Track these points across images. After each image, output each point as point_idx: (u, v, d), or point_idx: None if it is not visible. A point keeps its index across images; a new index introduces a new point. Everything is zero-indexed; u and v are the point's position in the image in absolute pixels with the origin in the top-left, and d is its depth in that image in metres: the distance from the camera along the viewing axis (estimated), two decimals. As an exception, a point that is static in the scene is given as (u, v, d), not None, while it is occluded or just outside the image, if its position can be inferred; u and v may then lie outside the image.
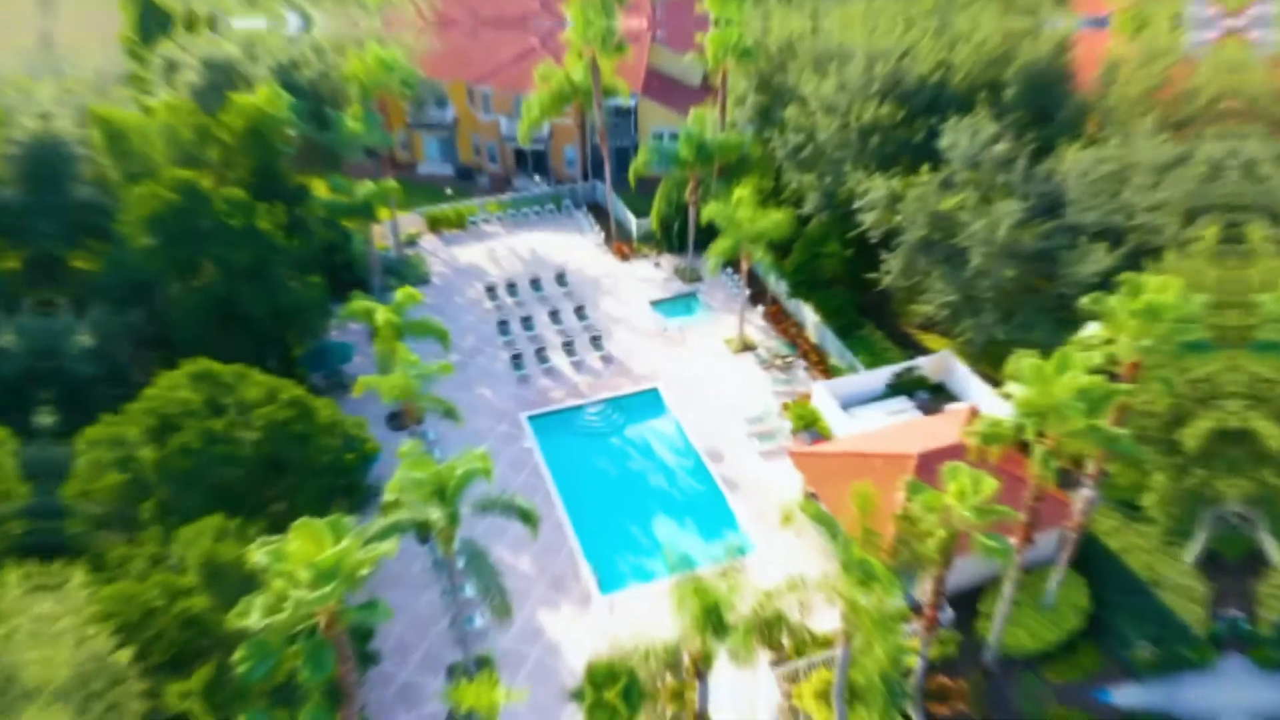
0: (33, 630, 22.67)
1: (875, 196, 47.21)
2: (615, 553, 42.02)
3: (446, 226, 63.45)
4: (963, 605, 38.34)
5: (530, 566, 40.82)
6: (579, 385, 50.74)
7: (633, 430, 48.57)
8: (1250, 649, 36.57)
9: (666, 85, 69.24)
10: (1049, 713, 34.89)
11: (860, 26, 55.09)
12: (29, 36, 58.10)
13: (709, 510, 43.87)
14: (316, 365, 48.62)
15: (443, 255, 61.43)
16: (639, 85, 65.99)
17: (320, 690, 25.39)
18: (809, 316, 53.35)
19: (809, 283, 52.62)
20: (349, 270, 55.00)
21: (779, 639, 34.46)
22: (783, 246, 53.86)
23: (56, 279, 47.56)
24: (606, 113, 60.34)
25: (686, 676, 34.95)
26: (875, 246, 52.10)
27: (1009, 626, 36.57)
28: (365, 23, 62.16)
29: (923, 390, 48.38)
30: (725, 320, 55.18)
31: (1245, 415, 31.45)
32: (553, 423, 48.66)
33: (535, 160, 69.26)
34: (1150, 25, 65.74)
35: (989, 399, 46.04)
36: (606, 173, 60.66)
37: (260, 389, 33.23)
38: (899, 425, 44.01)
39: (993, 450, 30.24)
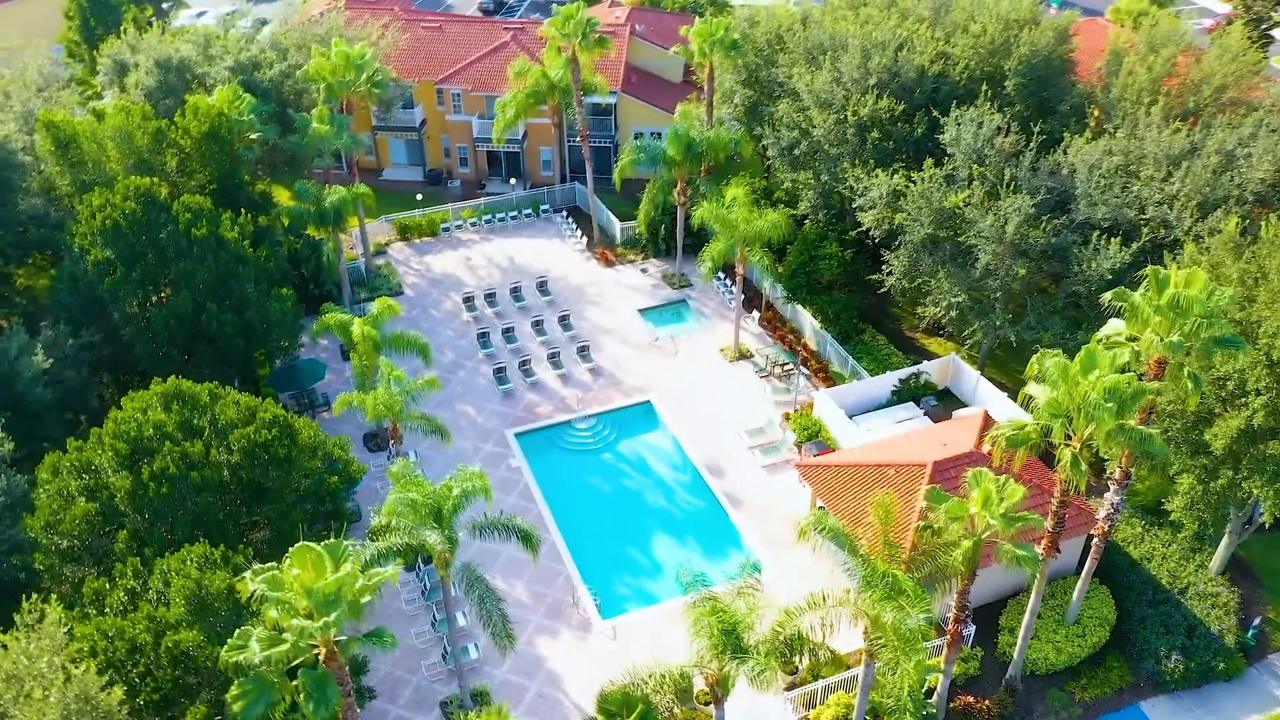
0: (11, 671, 22.35)
1: (876, 194, 47.86)
2: (614, 576, 42.12)
3: (418, 234, 63.41)
4: (982, 621, 38.82)
5: (526, 593, 40.79)
6: (567, 399, 50.86)
7: (626, 446, 48.74)
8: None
9: (647, 81, 69.84)
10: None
11: (853, 17, 55.96)
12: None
13: (711, 528, 44.10)
14: (286, 385, 48.33)
15: (415, 265, 61.37)
16: (619, 82, 66.48)
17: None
18: (807, 322, 53.88)
19: (807, 286, 53.16)
20: (316, 282, 54.83)
21: (795, 661, 34.81)
22: (777, 249, 54.46)
23: (3, 297, 47.11)
24: (586, 111, 60.67)
25: (698, 703, 35.18)
26: (876, 247, 52.89)
27: (1033, 641, 37.09)
28: (328, 19, 62.03)
29: (929, 396, 49.01)
30: (718, 328, 55.59)
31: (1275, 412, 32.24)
32: (541, 440, 48.73)
33: (509, 163, 69.45)
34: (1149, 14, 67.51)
35: (999, 404, 46.79)
36: (588, 174, 60.96)
37: (238, 409, 33.02)
38: (908, 433, 44.52)
39: (1018, 455, 30.73)
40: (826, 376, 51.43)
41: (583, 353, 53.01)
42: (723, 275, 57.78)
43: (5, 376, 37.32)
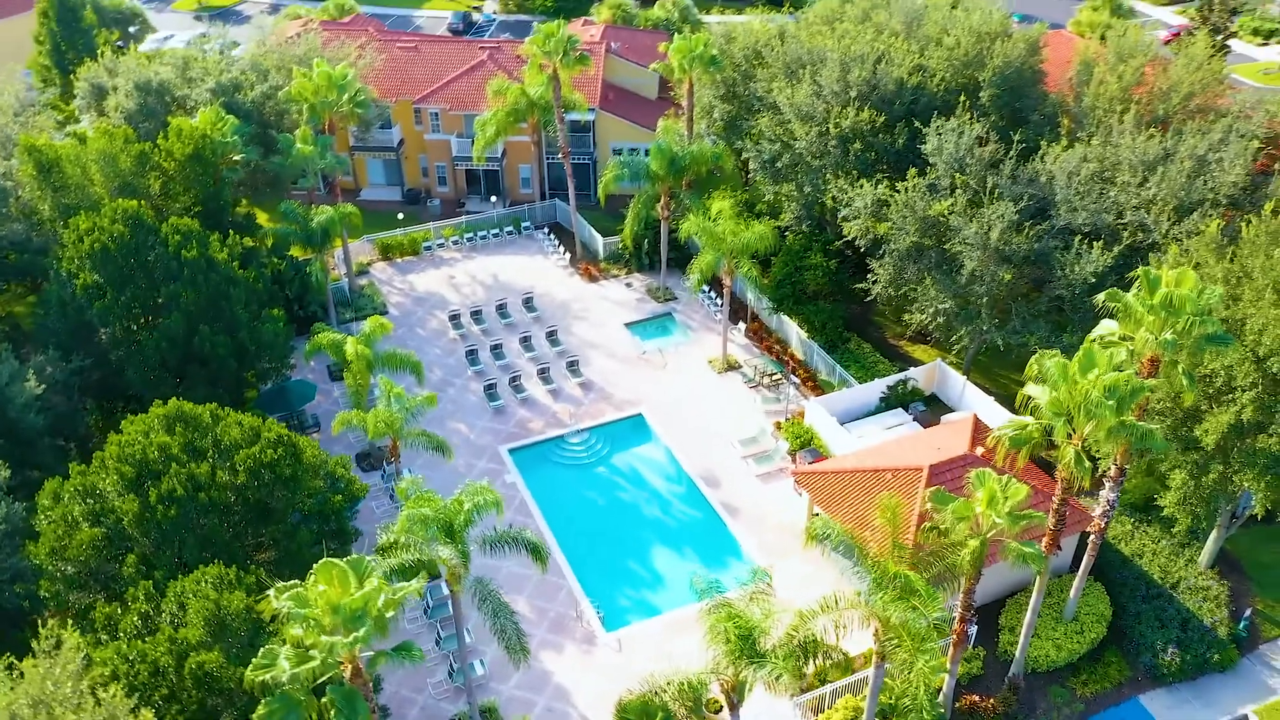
0: (38, 696, 22.02)
1: (861, 204, 48.61)
2: (615, 589, 42.20)
3: (399, 254, 63.31)
4: (982, 621, 39.35)
5: (528, 609, 40.73)
6: (559, 414, 50.96)
7: (620, 459, 48.92)
8: None
9: (623, 98, 70.40)
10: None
11: (829, 32, 56.91)
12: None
13: (710, 538, 44.33)
14: (276, 407, 47.96)
15: (398, 284, 61.24)
16: (597, 99, 66.96)
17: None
18: (793, 332, 54.48)
19: (793, 297, 53.78)
20: (301, 303, 54.52)
21: (802, 668, 35.04)
22: (762, 261, 55.05)
23: (-13, 324, 46.43)
24: (566, 128, 61.02)
25: (707, 711, 35.27)
26: (859, 257, 53.68)
27: (1033, 639, 37.67)
28: (306, 40, 61.95)
29: (918, 402, 49.73)
30: (705, 340, 56.02)
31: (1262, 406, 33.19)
32: (535, 455, 48.78)
33: (488, 181, 69.60)
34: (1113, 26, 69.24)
35: (986, 408, 47.60)
36: (570, 190, 61.29)
37: (241, 429, 32.81)
38: (899, 439, 45.16)
39: (1021, 455, 31.35)
40: (815, 385, 51.97)
41: (572, 367, 53.17)
42: (707, 288, 58.26)
43: (-3, 403, 36.80)
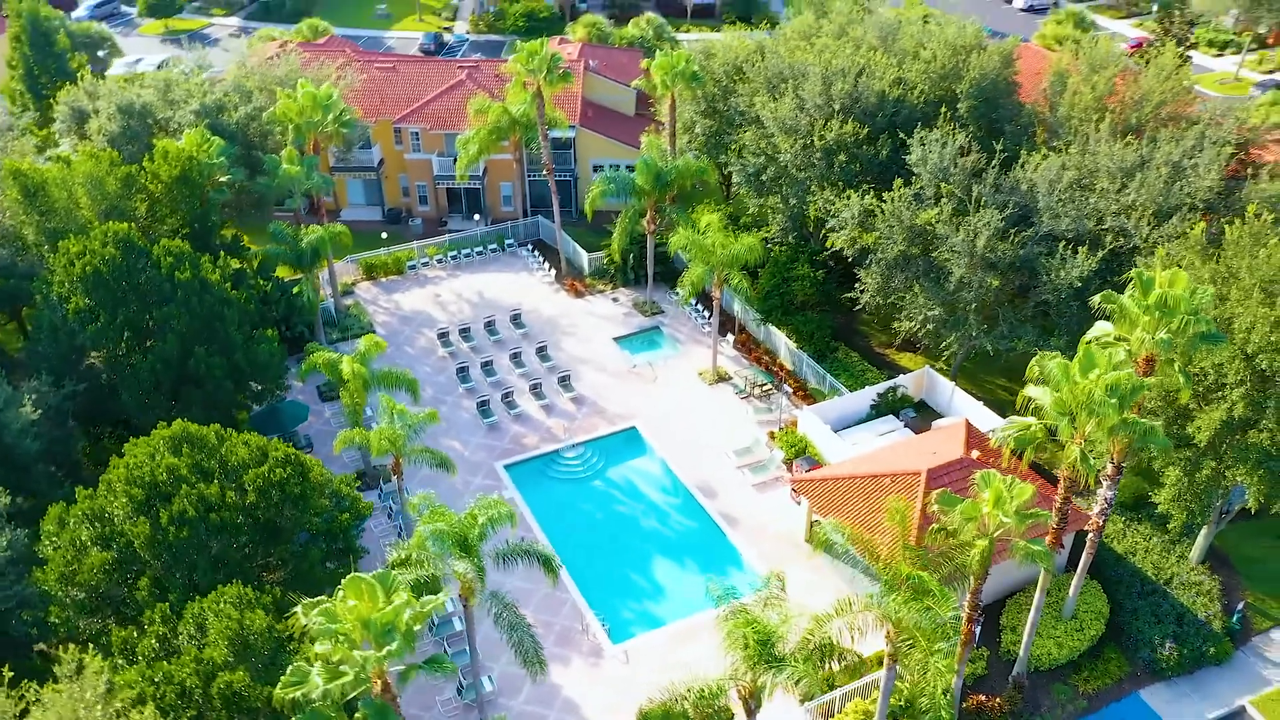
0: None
1: (848, 214, 49.30)
2: (618, 601, 42.27)
3: (384, 273, 63.16)
4: (981, 622, 39.89)
5: (533, 622, 40.05)
6: (553, 429, 51.02)
7: (616, 472, 49.05)
8: None
9: (602, 115, 70.85)
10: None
11: (808, 48, 57.81)
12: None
13: (710, 548, 44.57)
14: (268, 428, 47.45)
15: (384, 303, 61.05)
16: (577, 116, 67.36)
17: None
18: (781, 342, 54.99)
19: (782, 308, 54.32)
20: (288, 324, 54.17)
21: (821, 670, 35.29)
22: (748, 273, 55.52)
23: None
24: (549, 145, 61.31)
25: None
26: (844, 268, 54.40)
27: (1034, 637, 38.20)
28: (286, 60, 61.82)
29: (908, 408, 50.37)
30: (693, 352, 56.39)
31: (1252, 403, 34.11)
32: (531, 470, 48.78)
33: (469, 199, 69.65)
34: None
35: (975, 412, 48.32)
36: (554, 207, 61.51)
37: (249, 449, 32.60)
38: (895, 444, 45.70)
39: (1026, 456, 31.96)
40: (805, 395, 52.47)
41: (564, 382, 53.27)
42: (694, 300, 58.58)
43: (-8, 429, 36.24)
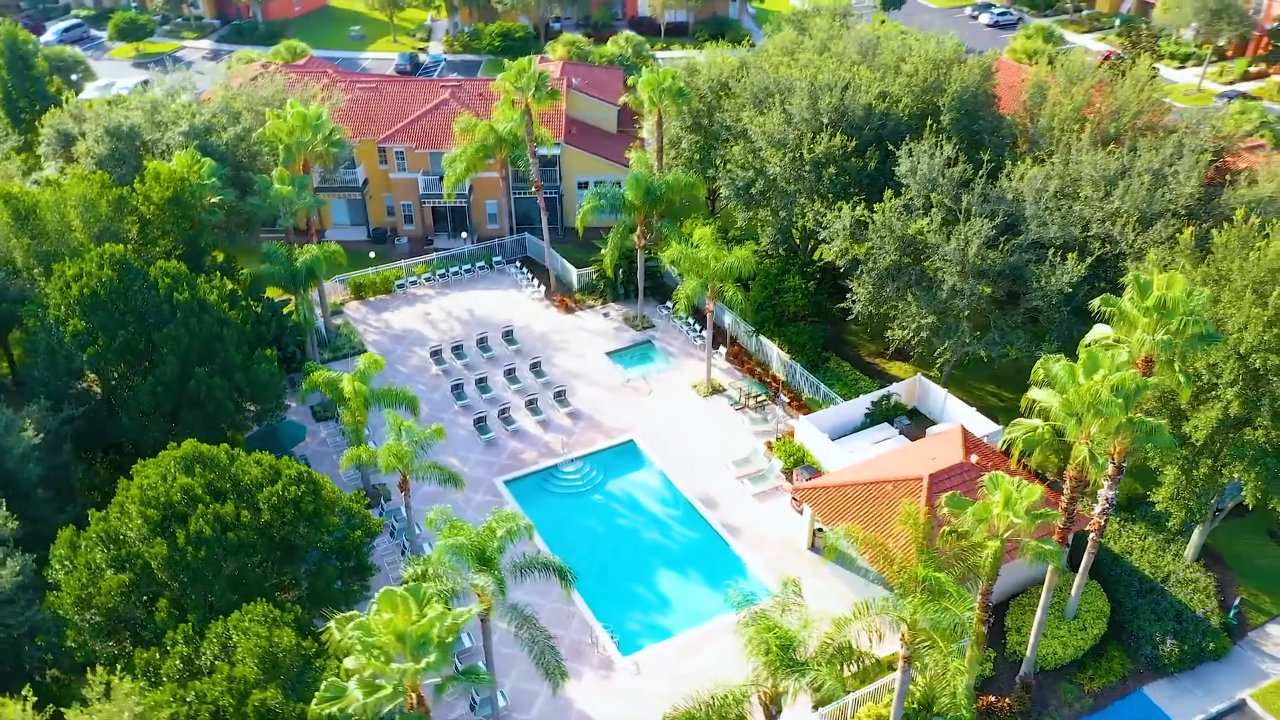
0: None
1: (839, 226, 49.98)
2: (625, 613, 42.34)
3: (372, 292, 63.03)
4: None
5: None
6: (550, 444, 51.08)
7: (615, 485, 49.19)
8: None
9: (586, 132, 71.31)
10: None
11: (790, 63, 58.66)
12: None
13: (713, 558, 44.78)
14: (266, 449, 46.99)
15: (373, 323, 60.90)
16: (561, 133, 67.75)
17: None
18: (773, 353, 55.50)
19: (774, 319, 54.85)
20: (279, 344, 53.83)
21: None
22: (741, 285, 56.03)
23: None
24: (537, 162, 61.61)
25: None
26: (832, 279, 55.07)
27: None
28: (272, 81, 61.70)
29: (902, 416, 51.00)
30: (686, 365, 56.74)
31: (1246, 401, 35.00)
32: (531, 485, 48.80)
33: (455, 217, 69.73)
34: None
35: (968, 418, 49.00)
36: (544, 224, 61.77)
37: (261, 468, 32.45)
38: (894, 451, 46.24)
39: (1033, 458, 32.57)
40: (800, 405, 52.97)
41: (560, 397, 53.39)
42: (680, 314, 58.81)
43: (-7, 454, 35.76)
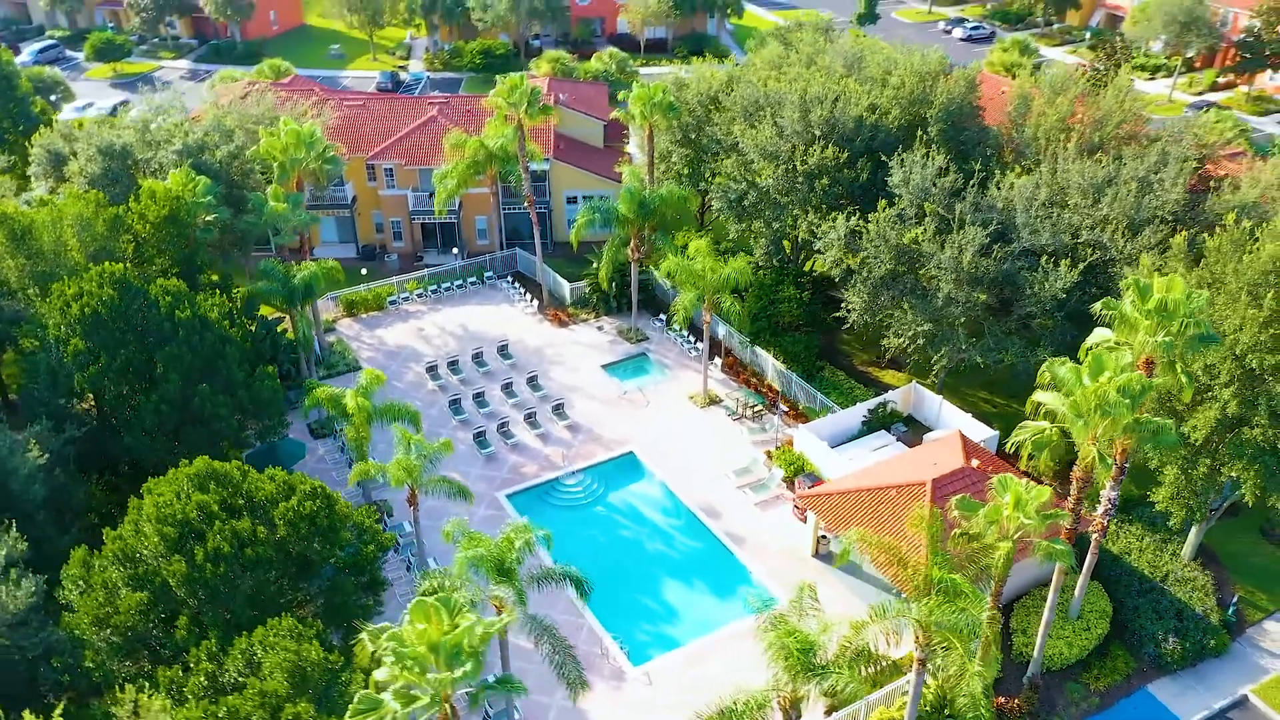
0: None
1: (834, 236, 50.58)
2: (632, 624, 42.42)
3: (364, 309, 62.93)
4: (993, 626, 40.83)
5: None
6: (550, 457, 51.16)
7: (617, 497, 49.31)
8: None
9: (573, 147, 71.71)
10: None
11: (778, 76, 59.38)
12: None
13: (717, 567, 44.96)
14: (265, 467, 46.92)
15: (367, 339, 60.77)
16: (550, 149, 68.10)
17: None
18: (768, 364, 55.94)
19: (769, 329, 55.32)
20: (274, 362, 53.61)
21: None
22: (735, 296, 56.48)
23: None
24: (529, 177, 61.90)
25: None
26: (826, 289, 55.67)
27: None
28: (263, 99, 61.63)
29: (899, 423, 51.53)
30: (682, 377, 57.06)
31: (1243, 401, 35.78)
32: (532, 498, 48.83)
33: (444, 233, 69.80)
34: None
35: (964, 424, 49.62)
36: (536, 238, 62.00)
37: (274, 483, 32.36)
38: (895, 457, 46.68)
39: (1042, 460, 33.11)
40: (797, 414, 53.40)
41: (558, 410, 53.51)
42: (678, 326, 59.20)
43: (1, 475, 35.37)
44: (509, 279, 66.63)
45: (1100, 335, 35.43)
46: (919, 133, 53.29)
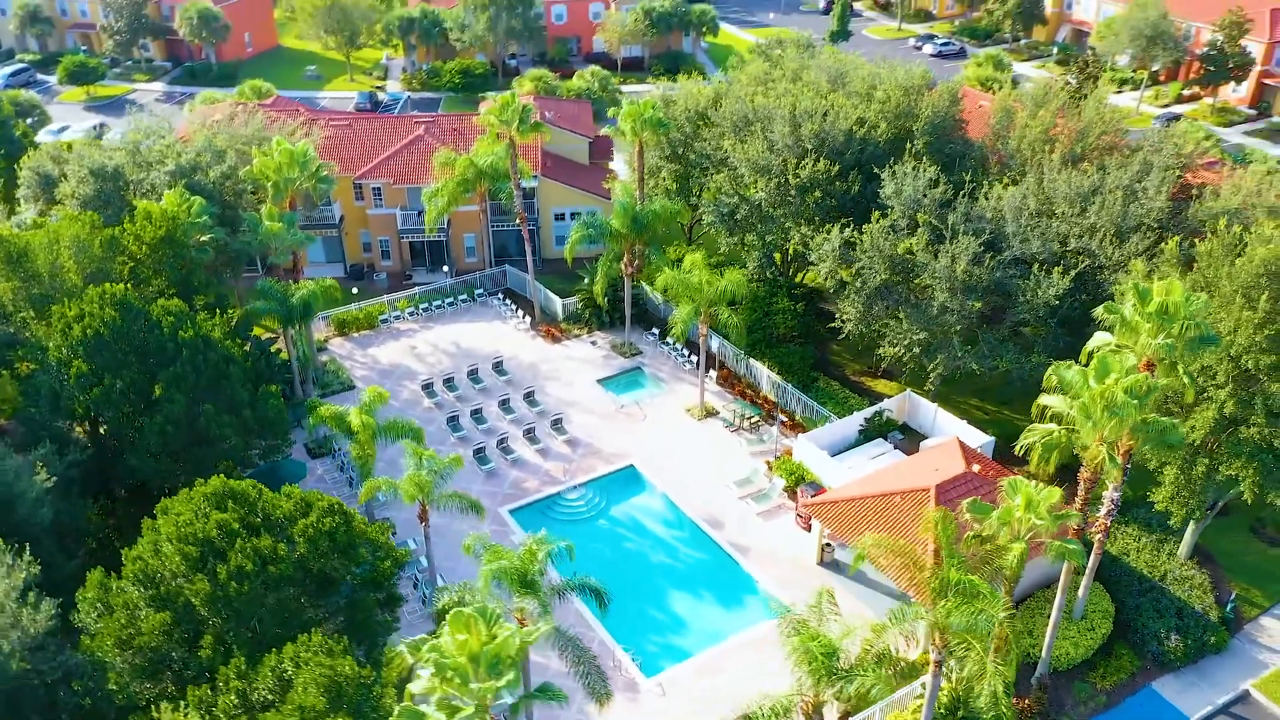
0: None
1: (828, 248, 51.24)
2: (642, 635, 42.52)
3: (356, 328, 62.76)
4: (999, 628, 41.35)
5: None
6: (551, 471, 51.24)
7: (619, 510, 49.48)
8: None
9: (560, 164, 72.07)
10: None
11: (765, 92, 60.17)
12: None
13: (724, 577, 45.22)
14: (268, 486, 46.60)
15: (360, 358, 60.59)
16: (538, 166, 68.43)
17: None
18: (763, 375, 56.43)
19: (764, 341, 55.83)
20: (270, 380, 53.32)
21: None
22: (730, 309, 56.98)
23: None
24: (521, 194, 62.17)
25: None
26: (817, 300, 56.33)
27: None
28: (252, 119, 61.51)
29: (895, 431, 52.16)
30: (678, 389, 57.39)
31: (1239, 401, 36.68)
32: (535, 513, 48.87)
33: (432, 251, 69.81)
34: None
35: (961, 431, 50.30)
36: (528, 255, 62.19)
37: (291, 501, 32.26)
38: (892, 466, 47.24)
39: (1050, 461, 33.74)
40: (793, 424, 53.87)
41: (557, 425, 53.63)
42: (671, 339, 59.59)
43: (5, 499, 34.92)
44: (500, 296, 66.74)
45: (1101, 339, 36.13)
46: (907, 145, 54.18)
